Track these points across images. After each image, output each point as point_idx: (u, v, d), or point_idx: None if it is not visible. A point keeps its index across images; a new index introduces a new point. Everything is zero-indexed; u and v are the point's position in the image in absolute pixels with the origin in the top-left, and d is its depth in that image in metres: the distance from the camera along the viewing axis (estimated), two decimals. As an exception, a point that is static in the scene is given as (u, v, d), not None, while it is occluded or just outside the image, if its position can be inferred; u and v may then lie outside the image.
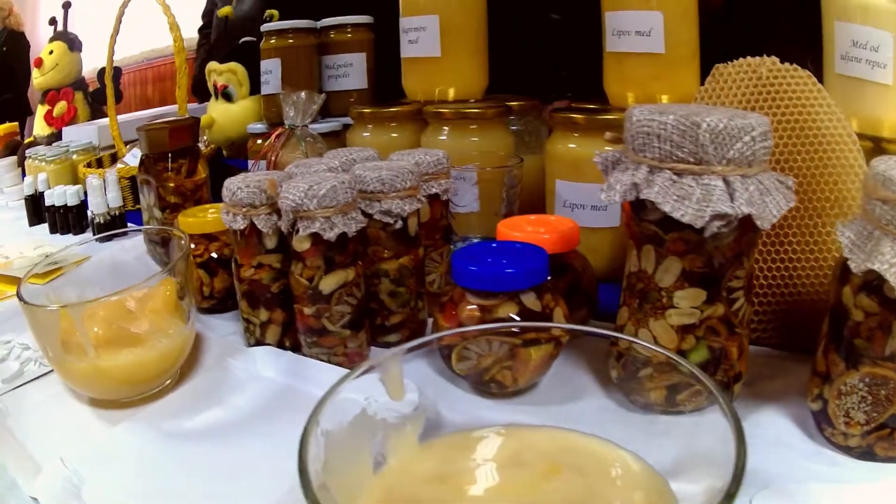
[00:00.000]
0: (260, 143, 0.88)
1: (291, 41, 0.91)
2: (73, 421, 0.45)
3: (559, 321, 0.42)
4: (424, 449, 0.33)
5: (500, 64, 0.77)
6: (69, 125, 1.39)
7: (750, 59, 0.45)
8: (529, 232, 0.49)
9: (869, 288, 0.33)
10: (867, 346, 0.34)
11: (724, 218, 0.33)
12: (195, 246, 0.59)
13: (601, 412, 0.36)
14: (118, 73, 1.33)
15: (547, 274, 0.43)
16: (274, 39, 0.91)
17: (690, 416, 0.30)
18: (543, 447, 0.32)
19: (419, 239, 0.52)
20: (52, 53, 1.46)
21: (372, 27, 0.93)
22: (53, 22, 1.53)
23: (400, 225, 0.49)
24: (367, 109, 0.78)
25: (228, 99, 1.09)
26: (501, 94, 0.78)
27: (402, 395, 0.33)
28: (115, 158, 1.11)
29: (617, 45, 0.60)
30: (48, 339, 0.44)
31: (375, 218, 0.49)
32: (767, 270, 0.46)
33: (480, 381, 0.40)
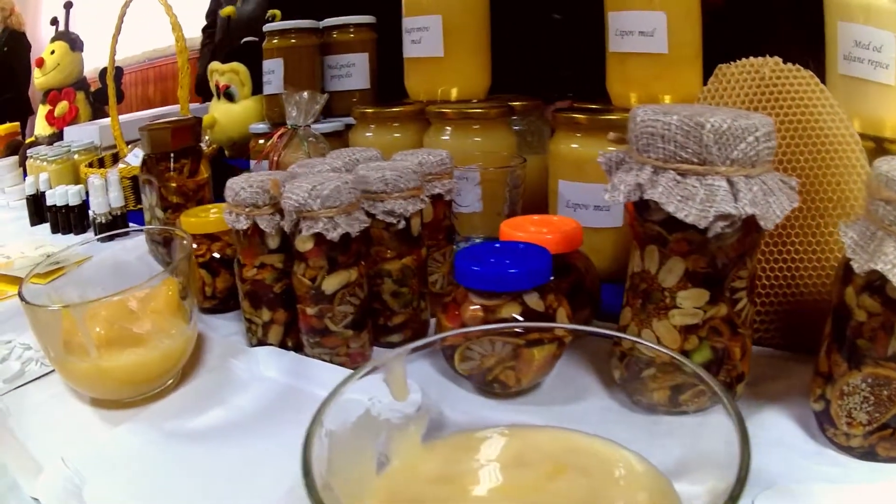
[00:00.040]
0: (262, 143, 0.88)
1: (294, 41, 0.90)
2: (74, 421, 0.45)
3: (562, 321, 0.42)
4: (428, 449, 0.33)
5: (501, 64, 0.77)
6: (70, 125, 1.38)
7: (753, 59, 0.45)
8: (532, 232, 0.49)
9: (871, 288, 0.33)
10: (870, 346, 0.34)
11: (727, 218, 0.33)
12: (197, 246, 0.59)
13: (604, 412, 0.36)
14: (120, 72, 1.34)
15: (550, 274, 0.43)
16: (276, 39, 0.91)
17: (694, 416, 0.30)
18: (547, 448, 0.32)
19: (422, 239, 0.52)
20: (53, 53, 1.46)
21: (374, 27, 0.92)
22: (55, 22, 1.53)
23: (403, 225, 0.49)
24: (369, 109, 0.78)
25: (230, 99, 1.09)
26: (503, 94, 0.78)
27: (405, 395, 0.33)
28: (116, 158, 1.11)
29: (620, 45, 0.60)
30: (50, 339, 0.44)
31: (378, 218, 0.49)
32: (770, 271, 0.46)
33: (483, 381, 0.40)
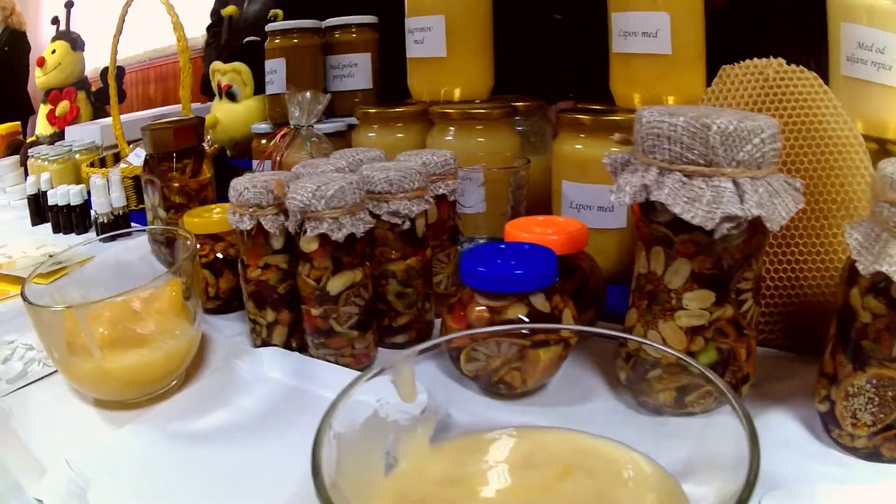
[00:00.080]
0: (264, 143, 0.88)
1: (296, 41, 0.90)
2: (78, 422, 0.45)
3: (568, 322, 0.42)
4: (435, 451, 0.33)
5: (504, 64, 0.77)
6: (72, 125, 1.38)
7: (756, 60, 0.45)
8: (538, 233, 0.49)
9: (876, 290, 0.33)
10: (874, 347, 0.34)
11: (734, 220, 0.33)
12: (200, 246, 0.59)
13: (610, 414, 0.36)
14: (121, 72, 1.34)
15: (556, 275, 0.43)
16: (278, 39, 0.91)
17: (700, 417, 0.30)
18: (555, 449, 0.32)
19: (427, 240, 0.52)
20: (54, 53, 1.45)
21: (377, 27, 0.92)
22: (56, 21, 1.53)
23: (408, 226, 0.49)
24: (372, 110, 0.78)
25: (232, 99, 1.09)
26: (506, 94, 0.78)
27: (413, 396, 0.33)
28: (117, 158, 1.11)
29: (623, 45, 0.60)
30: (53, 339, 0.44)
31: (383, 219, 0.49)
32: (775, 272, 0.46)
33: (489, 382, 0.40)
